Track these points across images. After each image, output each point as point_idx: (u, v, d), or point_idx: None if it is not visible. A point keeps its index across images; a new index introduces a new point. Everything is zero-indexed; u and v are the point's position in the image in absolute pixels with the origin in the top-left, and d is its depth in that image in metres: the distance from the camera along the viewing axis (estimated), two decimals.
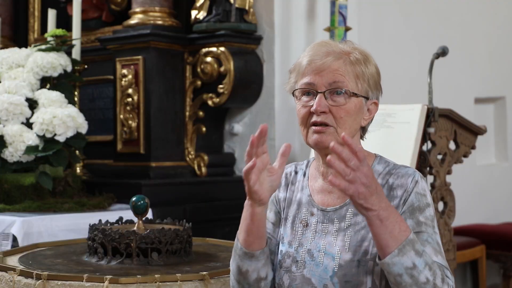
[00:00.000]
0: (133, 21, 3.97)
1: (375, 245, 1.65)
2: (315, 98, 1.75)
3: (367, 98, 1.79)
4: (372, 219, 1.57)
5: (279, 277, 1.82)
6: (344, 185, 1.53)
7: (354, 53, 1.78)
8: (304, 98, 1.78)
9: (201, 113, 4.01)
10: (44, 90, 3.69)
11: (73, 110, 3.61)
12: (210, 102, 3.97)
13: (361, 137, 1.87)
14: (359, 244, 1.72)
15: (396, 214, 1.60)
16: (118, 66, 3.96)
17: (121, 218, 2.65)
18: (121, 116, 3.93)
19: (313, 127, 1.75)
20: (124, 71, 3.92)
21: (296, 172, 1.93)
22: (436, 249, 1.68)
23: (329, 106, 1.74)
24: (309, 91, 1.77)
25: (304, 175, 1.90)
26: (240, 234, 1.79)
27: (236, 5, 3.92)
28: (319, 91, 1.74)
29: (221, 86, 3.92)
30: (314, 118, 1.75)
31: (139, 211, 2.51)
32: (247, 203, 1.73)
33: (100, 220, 2.63)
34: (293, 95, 1.82)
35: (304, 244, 1.80)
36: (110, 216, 2.79)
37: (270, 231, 1.89)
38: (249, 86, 3.99)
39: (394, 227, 1.58)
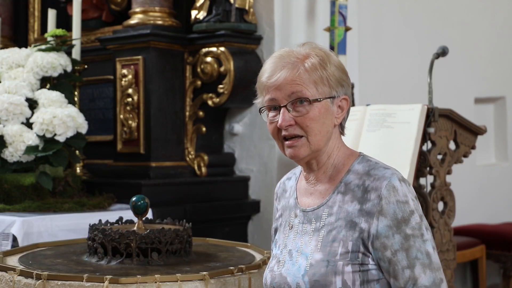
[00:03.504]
0: (133, 21, 3.97)
1: (344, 246, 1.70)
2: (280, 113, 1.78)
3: (333, 98, 1.79)
4: None
5: (265, 276, 1.88)
6: None
7: (310, 58, 1.78)
8: (271, 114, 1.81)
9: (201, 113, 4.01)
10: (44, 90, 3.69)
11: (73, 110, 3.61)
12: (210, 102, 3.97)
13: (341, 133, 1.88)
14: (329, 244, 1.74)
15: None
16: (118, 66, 3.96)
17: (121, 218, 2.65)
18: (121, 116, 3.93)
19: (286, 142, 1.80)
20: (124, 71, 3.92)
21: (289, 179, 1.99)
22: (425, 264, 1.70)
23: (293, 117, 1.76)
24: (274, 106, 1.80)
25: (296, 179, 1.95)
26: None
27: (236, 5, 3.91)
28: (281, 105, 1.77)
29: (221, 86, 3.92)
30: (283, 133, 1.79)
31: (139, 211, 2.51)
32: None
33: (100, 220, 2.63)
34: (260, 112, 1.85)
35: (288, 245, 1.85)
36: (110, 216, 2.80)
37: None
38: (249, 86, 3.95)
39: None
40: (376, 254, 1.71)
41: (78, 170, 3.92)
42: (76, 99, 3.94)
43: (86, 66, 4.03)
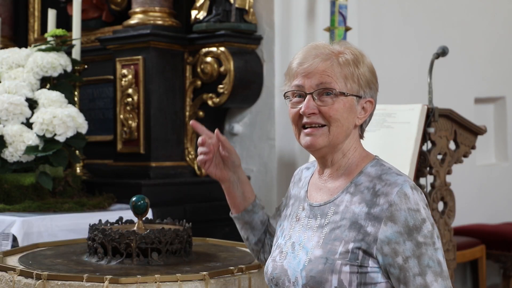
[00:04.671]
0: (133, 21, 3.97)
1: (344, 246, 1.70)
2: (304, 100, 1.77)
3: (359, 97, 1.80)
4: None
5: (267, 265, 1.90)
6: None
7: (344, 54, 1.79)
8: (294, 99, 1.82)
9: (201, 113, 4.01)
10: (44, 90, 3.69)
11: (73, 110, 3.61)
12: (210, 102, 3.97)
13: (360, 137, 1.87)
14: (331, 242, 1.74)
15: None
16: (118, 66, 3.96)
17: (121, 218, 2.65)
18: (121, 116, 3.93)
19: (304, 130, 1.79)
20: (124, 71, 3.92)
21: (307, 168, 1.99)
22: (436, 272, 1.68)
23: (317, 106, 1.77)
24: (299, 93, 1.80)
25: (312, 172, 1.95)
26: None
27: (236, 5, 3.91)
28: (307, 92, 1.77)
29: (221, 86, 3.92)
30: (304, 120, 1.78)
31: (139, 211, 2.51)
32: None
33: (100, 220, 2.63)
34: (284, 97, 1.85)
35: (292, 236, 1.86)
36: (110, 216, 2.80)
37: (273, 215, 2.10)
38: (249, 86, 3.99)
39: None
40: (385, 260, 1.69)
41: (78, 170, 3.92)
42: (76, 99, 3.94)
43: (86, 66, 4.02)
